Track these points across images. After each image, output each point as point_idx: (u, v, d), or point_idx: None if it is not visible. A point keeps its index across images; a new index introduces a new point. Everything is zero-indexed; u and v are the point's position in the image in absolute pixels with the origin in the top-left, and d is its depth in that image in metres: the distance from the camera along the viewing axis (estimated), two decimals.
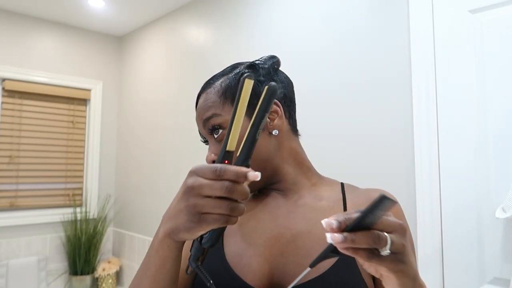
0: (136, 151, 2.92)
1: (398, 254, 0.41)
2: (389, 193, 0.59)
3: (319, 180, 0.69)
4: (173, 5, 2.59)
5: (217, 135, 0.63)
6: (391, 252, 0.40)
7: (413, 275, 0.43)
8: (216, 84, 0.66)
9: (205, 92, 0.67)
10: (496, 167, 1.17)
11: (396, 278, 0.42)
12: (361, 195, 0.64)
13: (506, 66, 1.17)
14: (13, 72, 2.68)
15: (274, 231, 0.62)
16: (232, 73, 0.66)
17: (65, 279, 2.82)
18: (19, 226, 2.66)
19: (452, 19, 1.29)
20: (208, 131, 0.65)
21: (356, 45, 1.56)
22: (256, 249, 0.61)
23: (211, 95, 0.65)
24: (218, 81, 0.66)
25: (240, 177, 0.42)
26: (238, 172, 0.42)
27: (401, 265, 0.41)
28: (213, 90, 0.65)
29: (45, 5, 2.62)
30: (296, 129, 0.70)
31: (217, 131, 0.63)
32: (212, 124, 0.63)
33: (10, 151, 2.67)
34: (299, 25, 1.79)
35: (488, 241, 1.17)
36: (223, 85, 0.65)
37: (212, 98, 0.64)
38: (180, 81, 2.54)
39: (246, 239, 0.63)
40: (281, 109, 0.65)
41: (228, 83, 0.65)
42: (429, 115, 1.32)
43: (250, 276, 0.59)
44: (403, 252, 0.41)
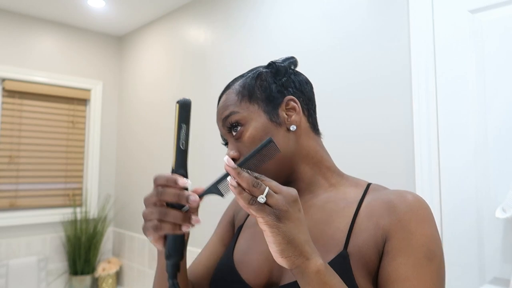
0: (136, 151, 2.92)
1: (276, 210, 0.46)
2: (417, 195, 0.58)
3: (340, 181, 0.67)
4: (173, 5, 2.59)
5: (235, 132, 0.64)
6: (267, 203, 0.46)
7: (291, 238, 0.46)
8: (234, 85, 0.68)
9: (224, 94, 0.69)
10: (496, 167, 1.17)
11: (270, 234, 0.46)
12: (381, 197, 0.61)
13: (506, 66, 1.17)
14: (13, 72, 2.68)
15: None
16: (249, 73, 0.69)
17: (65, 279, 2.82)
18: (19, 226, 2.66)
19: (452, 19, 1.29)
20: (227, 129, 0.66)
21: (356, 45, 1.56)
22: (259, 248, 0.64)
23: (229, 95, 0.67)
24: (237, 82, 0.68)
25: (169, 181, 0.49)
26: (168, 178, 0.49)
27: (276, 221, 0.46)
28: (231, 90, 0.67)
29: (45, 5, 2.62)
30: (317, 128, 0.70)
31: (236, 128, 0.64)
32: (230, 122, 0.65)
33: (10, 151, 2.67)
34: (299, 25, 1.79)
35: (488, 241, 1.17)
36: (240, 84, 0.67)
37: (230, 98, 0.66)
38: (180, 81, 2.54)
39: (253, 237, 0.66)
40: (298, 106, 0.66)
41: (244, 82, 0.67)
42: (429, 115, 1.32)
43: (248, 273, 0.61)
44: (283, 211, 0.46)
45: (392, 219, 0.56)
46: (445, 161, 1.28)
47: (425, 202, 0.58)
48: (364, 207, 0.61)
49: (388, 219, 0.56)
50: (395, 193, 0.59)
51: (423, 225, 0.55)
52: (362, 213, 0.59)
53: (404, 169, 1.37)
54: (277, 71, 0.67)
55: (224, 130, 0.67)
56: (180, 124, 0.50)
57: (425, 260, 0.53)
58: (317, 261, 0.47)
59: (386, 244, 0.56)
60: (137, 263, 2.77)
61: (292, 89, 0.67)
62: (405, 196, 0.58)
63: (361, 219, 0.59)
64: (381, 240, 0.56)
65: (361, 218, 0.59)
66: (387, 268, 0.54)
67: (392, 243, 0.55)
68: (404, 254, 0.53)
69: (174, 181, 0.49)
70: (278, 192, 0.47)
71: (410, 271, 0.52)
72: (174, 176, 0.49)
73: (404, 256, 0.53)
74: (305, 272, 0.47)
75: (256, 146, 0.51)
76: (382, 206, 0.58)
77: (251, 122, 0.64)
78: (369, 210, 0.59)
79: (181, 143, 0.51)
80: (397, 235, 0.55)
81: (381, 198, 0.60)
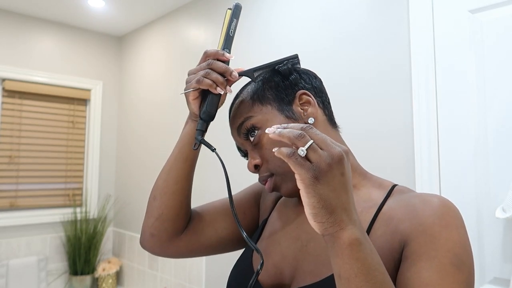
0: (136, 151, 2.92)
1: (316, 168, 0.41)
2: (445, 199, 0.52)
3: (363, 181, 0.63)
4: (173, 5, 2.59)
5: (253, 137, 0.62)
6: (307, 158, 0.41)
7: (327, 203, 0.41)
8: (242, 93, 0.66)
9: (234, 104, 0.67)
10: (496, 167, 1.17)
11: (305, 194, 0.41)
12: (404, 200, 0.55)
13: (505, 65, 1.17)
14: (13, 72, 2.68)
15: (294, 233, 0.63)
16: (255, 80, 0.67)
17: (65, 279, 2.82)
18: (19, 226, 2.66)
19: (452, 19, 1.29)
20: (244, 136, 0.63)
21: (356, 45, 1.56)
22: (275, 249, 0.63)
23: (239, 103, 0.65)
24: (244, 90, 0.67)
25: (219, 54, 0.61)
26: (218, 51, 0.62)
27: (314, 180, 0.41)
28: (240, 99, 0.66)
29: (45, 5, 2.62)
30: (334, 121, 0.67)
31: (253, 133, 0.62)
32: (246, 128, 0.62)
33: (10, 151, 2.67)
34: (299, 24, 1.79)
35: (488, 241, 1.17)
36: (248, 91, 0.65)
37: (241, 106, 0.64)
38: (180, 81, 2.54)
39: (273, 238, 0.65)
40: (312, 98, 0.63)
41: (252, 87, 0.65)
42: (429, 114, 1.32)
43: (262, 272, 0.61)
44: (323, 170, 0.41)
45: (413, 223, 0.50)
46: (445, 161, 1.28)
47: (454, 206, 0.51)
48: (384, 210, 0.55)
49: (409, 223, 0.50)
50: (419, 196, 0.54)
51: (450, 229, 0.49)
52: (382, 217, 0.55)
53: (404, 168, 1.37)
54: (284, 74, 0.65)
55: (240, 139, 0.64)
56: (232, 18, 0.64)
57: (451, 267, 0.46)
58: (353, 233, 0.41)
59: (404, 249, 0.49)
60: (137, 263, 2.77)
61: (302, 84, 0.64)
62: (430, 199, 0.52)
63: (379, 224, 0.54)
64: (398, 246, 0.50)
65: (380, 223, 0.54)
66: (405, 274, 0.47)
67: (412, 247, 0.48)
68: (427, 258, 0.46)
69: (222, 54, 0.61)
70: (324, 147, 0.42)
71: (435, 276, 0.45)
72: (220, 51, 0.61)
73: (427, 261, 0.46)
74: (336, 242, 0.42)
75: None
76: (404, 210, 0.53)
77: (267, 124, 0.61)
78: (389, 214, 0.54)
79: (230, 31, 0.64)
80: (418, 239, 0.48)
81: (404, 202, 0.54)
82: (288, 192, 0.61)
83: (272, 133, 0.45)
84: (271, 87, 0.64)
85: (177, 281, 2.40)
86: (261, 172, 0.62)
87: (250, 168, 0.62)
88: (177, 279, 2.41)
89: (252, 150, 0.63)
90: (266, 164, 0.61)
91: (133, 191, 2.92)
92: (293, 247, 0.61)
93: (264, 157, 0.61)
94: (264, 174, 0.62)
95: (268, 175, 0.61)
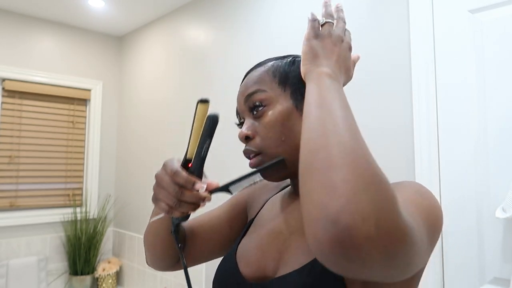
0: (136, 151, 2.92)
1: (320, 31, 0.57)
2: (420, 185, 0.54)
3: None
4: (173, 5, 2.59)
5: (256, 112, 0.62)
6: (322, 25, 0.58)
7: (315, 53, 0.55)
8: (267, 64, 0.65)
9: (254, 69, 0.66)
10: (496, 167, 1.17)
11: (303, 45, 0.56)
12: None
13: (506, 65, 1.17)
14: (13, 72, 2.68)
15: (277, 228, 0.64)
16: (284, 58, 0.66)
17: (65, 279, 2.82)
18: (19, 226, 2.66)
19: (452, 19, 1.29)
20: (248, 108, 0.63)
21: (356, 45, 1.55)
22: (259, 241, 0.64)
23: (259, 72, 0.64)
24: (270, 62, 0.66)
25: (188, 183, 0.54)
26: (187, 179, 0.54)
27: (313, 37, 0.56)
28: (262, 68, 0.65)
29: (45, 5, 2.62)
30: None
31: (258, 108, 0.62)
32: (254, 99, 0.62)
33: (10, 151, 2.67)
34: (298, 24, 1.79)
35: (488, 241, 1.17)
36: (274, 65, 0.64)
37: (261, 75, 0.64)
38: (180, 81, 2.54)
39: (257, 232, 0.67)
40: None
41: (279, 64, 0.64)
42: (429, 114, 1.32)
43: (246, 267, 0.62)
44: (323, 34, 0.57)
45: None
46: (445, 161, 1.28)
47: (426, 188, 0.54)
48: None
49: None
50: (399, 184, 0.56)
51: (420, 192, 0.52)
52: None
53: (404, 168, 1.37)
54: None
55: (244, 107, 0.64)
56: (205, 139, 0.55)
57: (415, 193, 0.50)
58: (327, 70, 0.52)
59: None
60: (137, 263, 2.77)
61: None
62: (401, 182, 0.55)
63: None
64: None
65: None
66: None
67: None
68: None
69: (191, 186, 0.54)
70: (337, 27, 0.58)
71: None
72: (192, 180, 0.54)
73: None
74: (311, 73, 0.52)
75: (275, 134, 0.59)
76: None
77: (276, 105, 0.61)
78: None
79: (203, 152, 0.56)
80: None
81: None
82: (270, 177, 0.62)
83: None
84: (296, 75, 0.63)
85: (177, 281, 2.40)
86: (250, 146, 0.62)
87: (241, 136, 0.62)
88: (177, 279, 2.41)
89: (249, 121, 0.63)
90: (258, 140, 0.61)
91: (133, 191, 2.92)
92: (276, 241, 0.62)
93: (260, 133, 0.61)
94: (252, 149, 0.62)
95: (255, 152, 0.61)
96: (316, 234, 0.37)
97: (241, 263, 0.63)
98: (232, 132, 2.08)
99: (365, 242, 0.35)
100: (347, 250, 0.35)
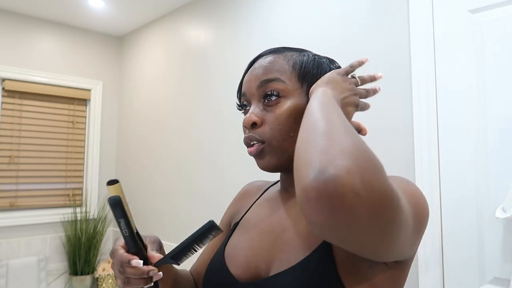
0: (136, 151, 2.92)
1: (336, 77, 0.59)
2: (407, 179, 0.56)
3: None
4: (173, 5, 2.59)
5: (269, 101, 0.60)
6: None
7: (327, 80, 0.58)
8: (287, 54, 0.63)
9: (272, 54, 0.64)
10: (496, 167, 1.17)
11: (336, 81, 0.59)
12: None
13: (506, 65, 1.17)
14: (13, 72, 2.68)
15: (268, 228, 0.63)
16: (302, 52, 0.65)
17: (65, 279, 2.82)
18: (19, 226, 2.66)
19: (452, 19, 1.29)
20: (262, 93, 0.61)
21: (356, 45, 1.56)
22: (248, 242, 0.64)
23: (280, 60, 0.62)
24: (291, 52, 0.64)
25: (124, 261, 0.56)
26: (122, 257, 0.56)
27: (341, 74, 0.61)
28: (283, 56, 0.63)
29: (45, 5, 2.62)
30: None
31: (272, 97, 0.60)
32: (271, 87, 0.60)
33: (10, 151, 2.67)
34: (299, 25, 1.79)
35: (488, 241, 1.17)
36: (297, 57, 0.63)
37: (280, 63, 0.62)
38: (180, 81, 2.54)
39: (245, 233, 0.66)
40: None
41: (302, 58, 0.63)
42: (429, 114, 1.32)
43: (236, 268, 0.61)
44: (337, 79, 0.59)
45: None
46: (445, 161, 1.28)
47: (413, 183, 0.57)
48: None
49: None
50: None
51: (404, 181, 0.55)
52: None
53: (404, 168, 1.37)
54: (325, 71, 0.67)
55: (256, 91, 0.62)
56: (118, 221, 0.55)
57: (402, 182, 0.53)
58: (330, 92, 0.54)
59: None
60: None
61: None
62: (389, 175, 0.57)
63: None
64: None
65: None
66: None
67: None
68: None
69: (127, 263, 0.56)
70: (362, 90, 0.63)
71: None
72: (128, 257, 0.56)
73: None
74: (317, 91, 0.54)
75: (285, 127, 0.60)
76: None
77: (291, 98, 0.60)
78: None
79: (124, 232, 0.56)
80: None
81: None
82: (267, 165, 0.61)
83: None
84: (314, 74, 0.62)
85: None
86: (255, 133, 0.61)
87: (248, 121, 0.61)
88: None
89: (258, 107, 0.62)
90: (266, 129, 0.60)
91: (133, 191, 2.92)
92: (266, 240, 0.61)
93: (268, 122, 0.60)
94: (256, 136, 0.61)
95: (259, 140, 0.60)
96: (304, 186, 0.39)
97: (231, 264, 0.63)
98: (232, 133, 2.08)
99: (348, 193, 0.37)
100: (331, 197, 0.37)
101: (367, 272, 0.51)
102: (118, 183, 0.57)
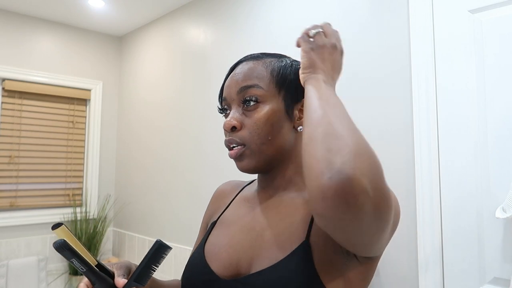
0: (136, 151, 2.92)
1: (314, 42, 0.59)
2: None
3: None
4: (173, 5, 2.59)
5: (248, 106, 0.63)
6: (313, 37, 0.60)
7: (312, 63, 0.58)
8: (266, 60, 0.66)
9: (252, 61, 0.66)
10: (496, 167, 1.17)
11: (302, 56, 0.60)
12: None
13: (506, 65, 1.17)
14: (13, 72, 2.68)
15: (248, 225, 0.65)
16: (281, 58, 0.67)
17: (65, 279, 2.82)
18: (19, 226, 2.66)
19: (452, 19, 1.29)
20: (241, 98, 0.64)
21: (356, 45, 1.56)
22: (229, 240, 0.65)
23: (259, 67, 0.65)
24: (269, 58, 0.67)
25: None
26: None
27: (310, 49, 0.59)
28: (262, 63, 0.65)
29: (45, 5, 2.62)
30: None
31: (250, 102, 0.63)
32: (250, 93, 0.63)
33: (10, 151, 2.67)
34: (299, 25, 1.79)
35: (488, 241, 1.17)
36: (275, 64, 0.66)
37: (259, 70, 0.64)
38: (180, 81, 2.54)
39: (225, 231, 0.68)
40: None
41: (280, 64, 0.66)
42: (429, 114, 1.32)
43: (217, 264, 0.63)
44: (318, 45, 0.59)
45: None
46: (445, 161, 1.28)
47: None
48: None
49: None
50: None
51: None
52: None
53: (404, 168, 1.37)
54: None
55: (236, 96, 0.64)
56: (70, 261, 0.55)
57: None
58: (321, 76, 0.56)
59: None
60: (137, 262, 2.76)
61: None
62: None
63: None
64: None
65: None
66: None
67: None
68: None
69: None
70: (328, 35, 0.61)
71: None
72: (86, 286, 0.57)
73: None
74: (309, 80, 0.57)
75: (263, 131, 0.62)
76: None
77: (269, 103, 0.63)
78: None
79: (81, 269, 0.56)
80: None
81: None
82: (247, 167, 0.63)
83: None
84: (292, 80, 0.65)
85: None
86: (234, 137, 0.63)
87: (228, 125, 0.63)
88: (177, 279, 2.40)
89: (238, 111, 0.64)
90: (245, 133, 0.62)
91: (133, 191, 2.92)
92: (248, 238, 0.63)
93: (247, 126, 0.63)
94: (236, 139, 0.63)
95: (240, 143, 0.63)
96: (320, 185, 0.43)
97: (211, 260, 0.64)
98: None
99: (360, 193, 0.41)
100: (348, 196, 0.41)
101: (342, 268, 0.55)
102: (62, 226, 0.57)
